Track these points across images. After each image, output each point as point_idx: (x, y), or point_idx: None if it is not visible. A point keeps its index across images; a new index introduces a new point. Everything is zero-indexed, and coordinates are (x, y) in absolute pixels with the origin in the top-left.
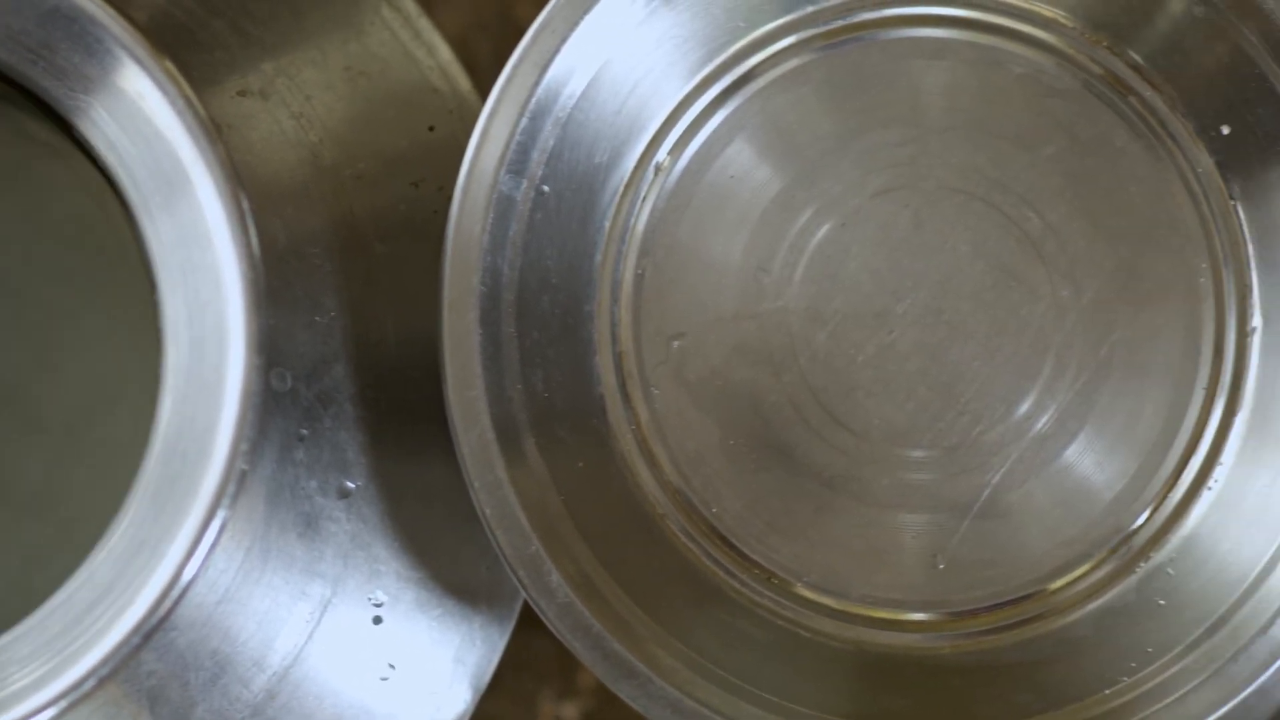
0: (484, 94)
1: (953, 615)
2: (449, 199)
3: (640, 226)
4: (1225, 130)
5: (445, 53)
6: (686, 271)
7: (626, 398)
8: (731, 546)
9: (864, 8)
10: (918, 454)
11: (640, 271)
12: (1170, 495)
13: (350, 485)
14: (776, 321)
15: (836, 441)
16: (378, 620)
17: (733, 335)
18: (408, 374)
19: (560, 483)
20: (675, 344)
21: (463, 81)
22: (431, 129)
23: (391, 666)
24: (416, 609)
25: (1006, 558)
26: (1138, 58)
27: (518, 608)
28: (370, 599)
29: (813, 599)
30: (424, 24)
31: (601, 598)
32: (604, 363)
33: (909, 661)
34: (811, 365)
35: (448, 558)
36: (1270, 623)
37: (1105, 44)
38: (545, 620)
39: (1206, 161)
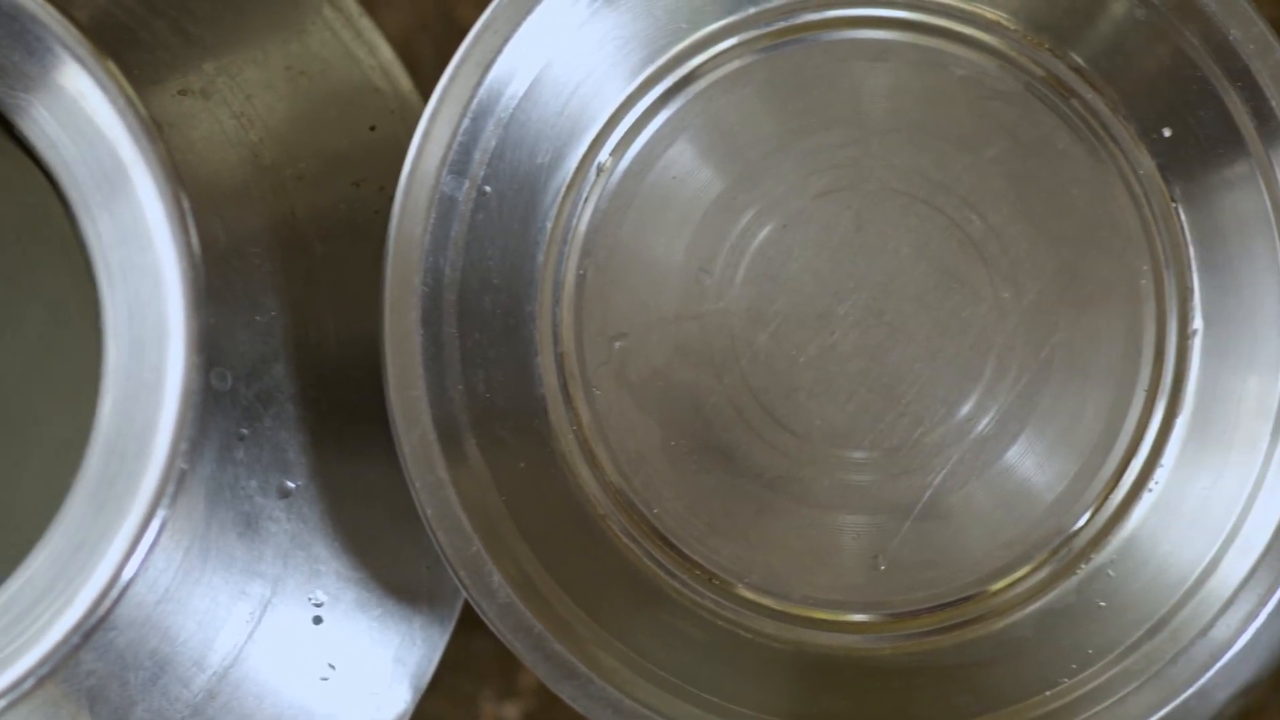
0: (426, 94)
1: (893, 616)
2: (390, 199)
3: (582, 227)
4: (1167, 133)
5: (387, 52)
6: (628, 272)
7: (568, 398)
8: (672, 547)
9: (807, 9)
10: (858, 455)
11: (582, 272)
12: (1111, 497)
13: (290, 485)
14: (718, 322)
15: (777, 443)
16: (318, 620)
17: (674, 336)
18: (349, 374)
19: (501, 483)
20: (617, 345)
21: (404, 81)
22: (373, 129)
23: (331, 666)
24: (357, 609)
25: (947, 559)
26: (1080, 60)
27: (458, 608)
28: (310, 599)
29: (753, 600)
30: (365, 24)
31: (542, 598)
32: (545, 363)
33: (849, 662)
34: (753, 366)
35: (388, 558)
36: (1210, 625)
37: (1047, 46)
38: (486, 621)
39: (1148, 164)
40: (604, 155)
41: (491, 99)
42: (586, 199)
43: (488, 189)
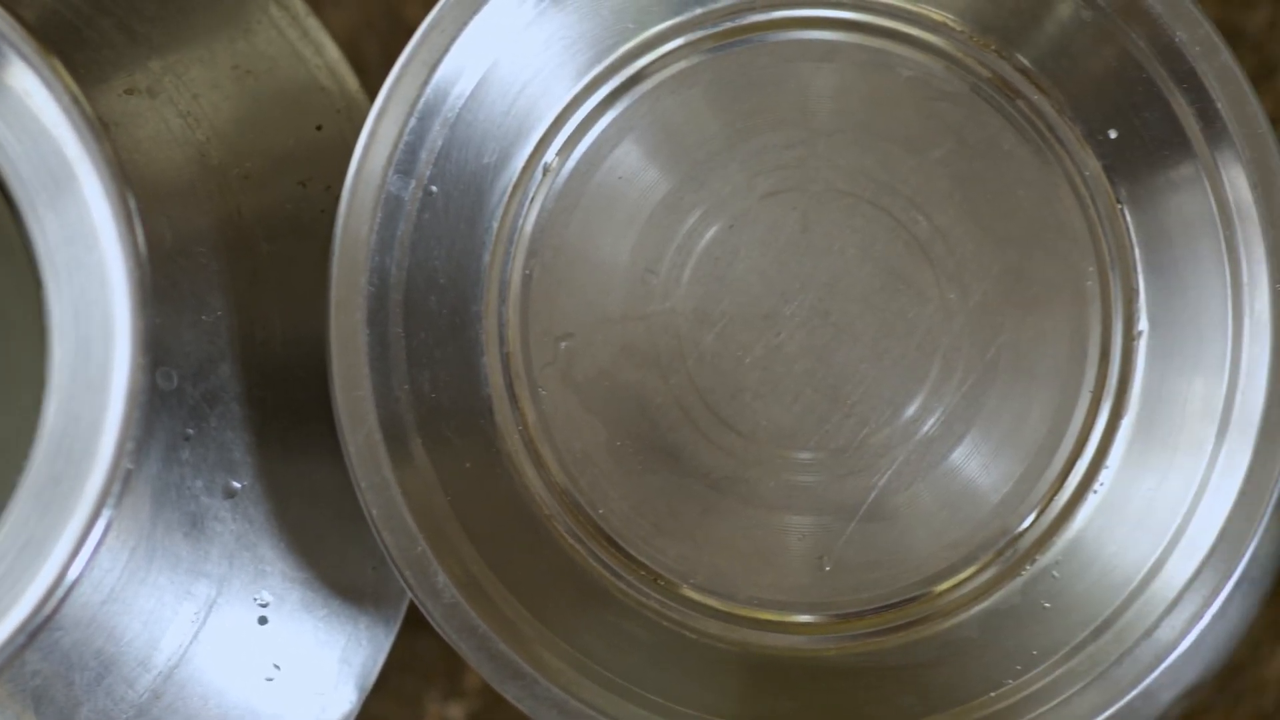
0: (372, 94)
1: (838, 617)
2: (336, 198)
3: (528, 227)
4: (1113, 134)
5: (333, 52)
6: (574, 272)
7: (514, 398)
8: (618, 548)
9: (753, 10)
10: (804, 456)
11: (528, 272)
12: (1056, 498)
13: (236, 485)
14: (664, 323)
15: (723, 443)
16: (263, 620)
17: (620, 336)
18: (295, 373)
19: (447, 483)
20: (563, 345)
21: (351, 81)
22: (319, 128)
23: (277, 667)
24: (302, 609)
25: (892, 560)
26: (1026, 61)
27: (404, 608)
28: (256, 599)
29: (699, 600)
30: (312, 23)
31: (488, 598)
32: (491, 363)
33: (795, 663)
34: (699, 367)
35: (334, 558)
36: (1155, 626)
37: (994, 47)
38: (431, 621)
39: (1094, 165)
40: (550, 155)
41: (438, 99)
42: (533, 199)
43: (434, 189)
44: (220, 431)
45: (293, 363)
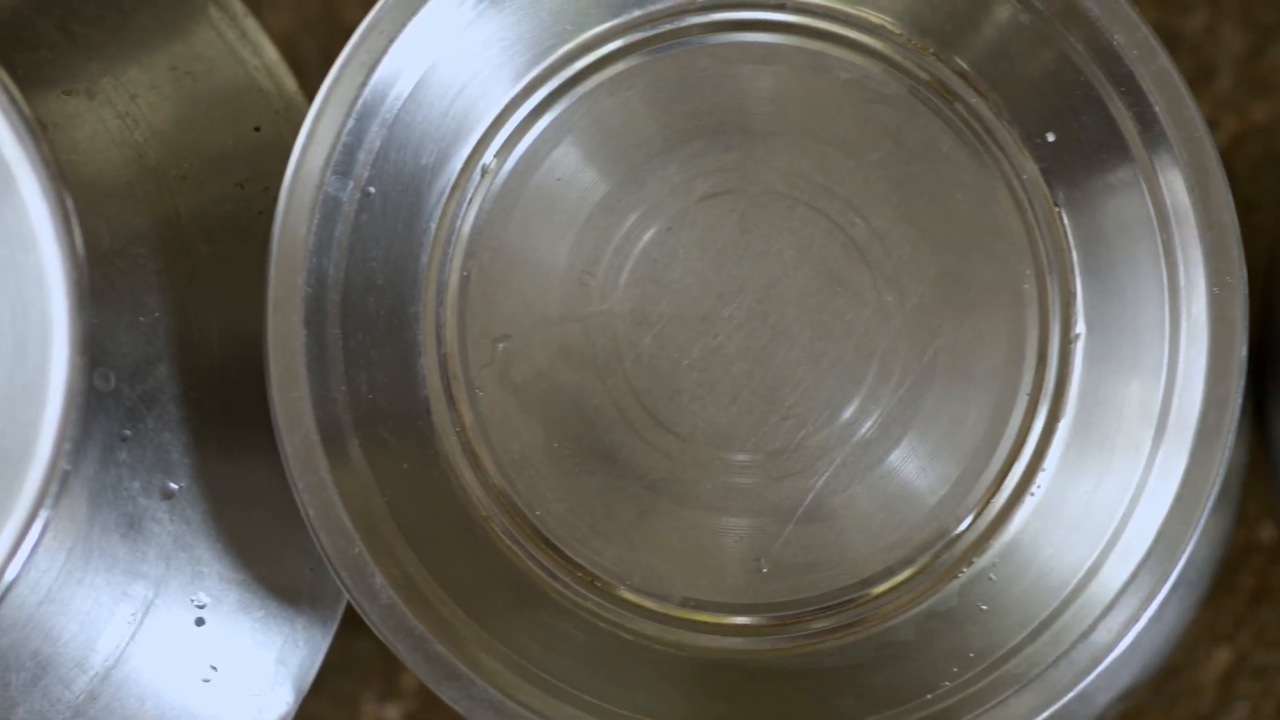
0: (311, 95)
1: (775, 619)
2: (275, 200)
3: (466, 228)
4: (1051, 137)
5: (272, 53)
6: (512, 274)
7: (451, 400)
8: (555, 549)
9: (692, 12)
10: (741, 458)
11: (466, 273)
12: (993, 501)
13: (173, 486)
14: (602, 325)
15: (660, 445)
16: (200, 622)
17: (558, 338)
18: (232, 375)
19: (384, 485)
20: (500, 346)
21: (289, 82)
22: (257, 129)
23: (214, 668)
24: (239, 610)
25: (829, 562)
26: (964, 64)
27: (341, 609)
28: (193, 600)
29: (636, 602)
30: (250, 24)
31: (425, 600)
32: (429, 364)
33: (732, 665)
34: (636, 368)
35: (271, 559)
36: (1092, 628)
37: (932, 50)
38: (368, 622)
39: (1031, 168)
40: (488, 157)
41: (376, 99)
42: (471, 200)
43: (372, 190)
44: (158, 432)
45: (230, 364)
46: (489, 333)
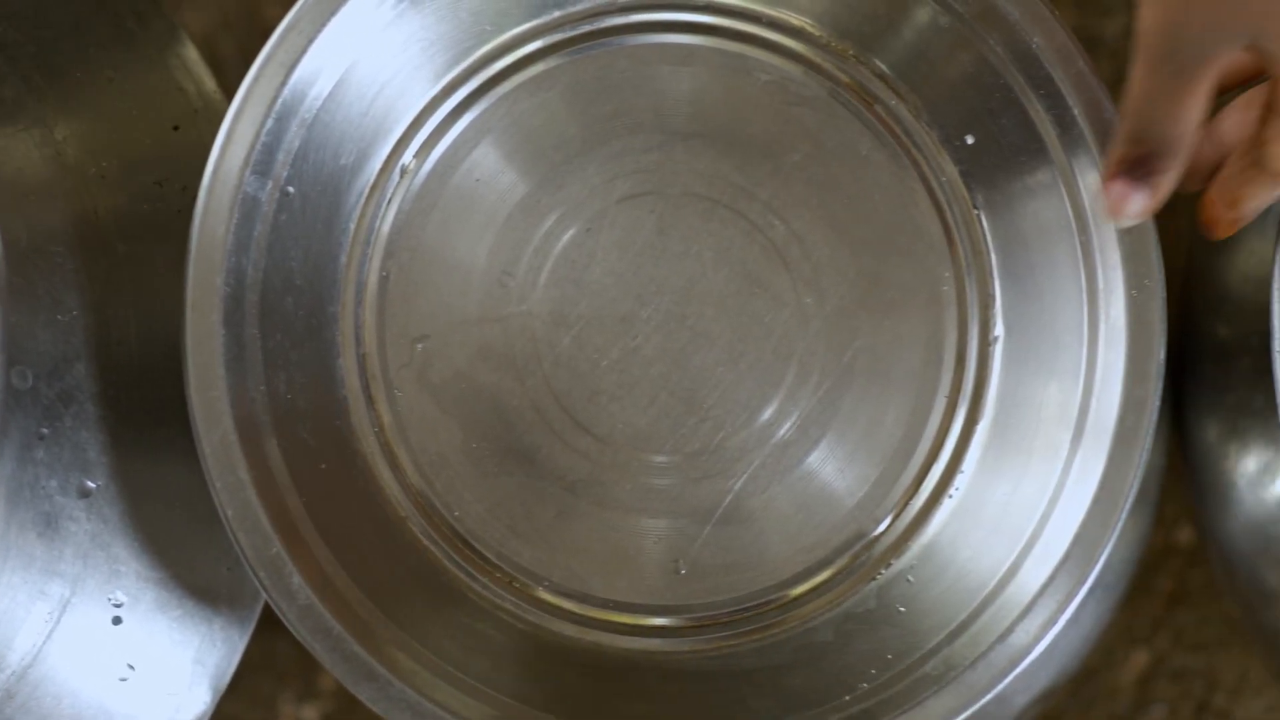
0: (230, 94)
1: (693, 620)
2: (193, 199)
3: (385, 228)
4: (970, 140)
5: (191, 52)
6: (431, 274)
7: (370, 400)
8: (473, 550)
9: (611, 13)
10: (660, 459)
11: (385, 274)
12: (911, 503)
13: (91, 485)
14: (521, 325)
15: (579, 446)
16: (117, 621)
17: (477, 338)
18: (150, 374)
19: (302, 485)
20: (419, 346)
21: (208, 81)
22: (176, 128)
23: (131, 667)
24: (156, 609)
25: (748, 563)
26: (883, 67)
27: (258, 609)
28: (110, 599)
29: (554, 603)
30: (170, 23)
31: (343, 600)
32: (348, 365)
33: (650, 666)
34: (555, 369)
35: (188, 558)
36: (1009, 630)
37: (851, 53)
38: (286, 622)
39: (951, 170)
40: (408, 157)
41: (295, 100)
42: (390, 200)
43: (291, 189)
44: (75, 431)
45: (148, 363)
46: (408, 333)
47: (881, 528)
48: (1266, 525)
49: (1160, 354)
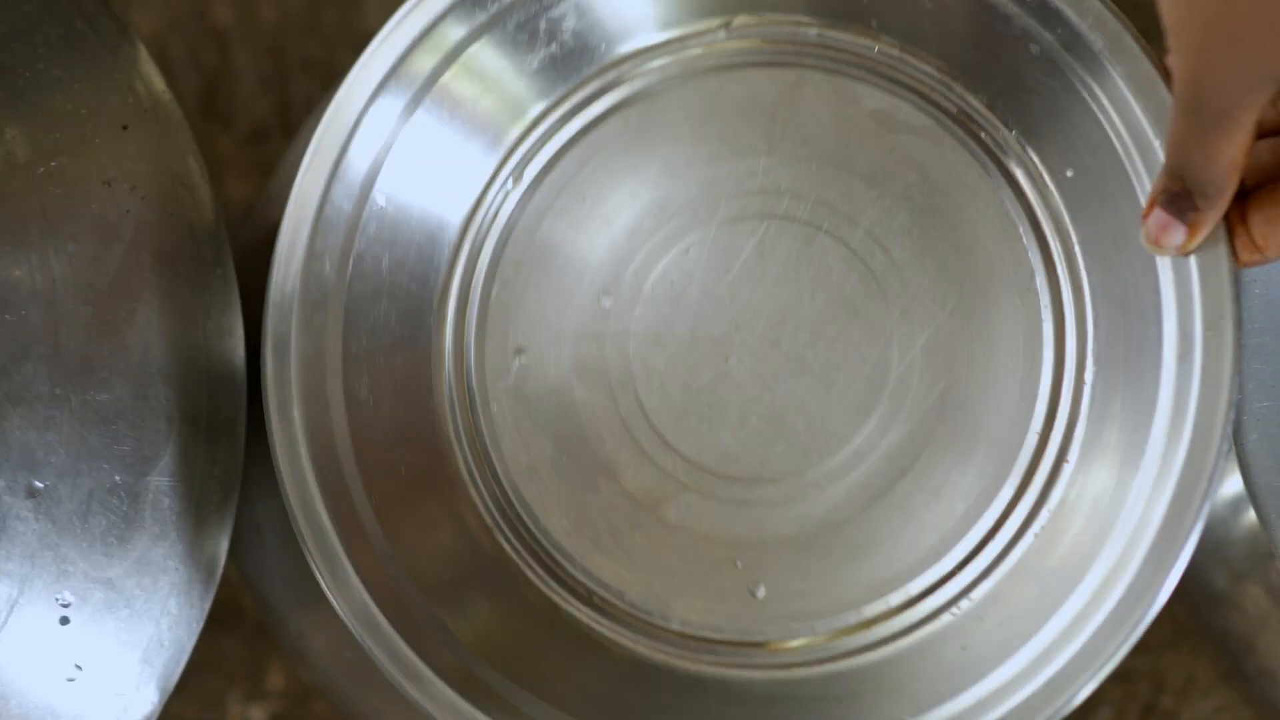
0: (178, 94)
1: (766, 644)
2: (142, 198)
3: (490, 243)
4: (1069, 174)
5: (140, 53)
6: (533, 289)
7: (464, 410)
8: (555, 562)
9: (730, 38)
10: (746, 482)
11: (490, 288)
12: (993, 540)
13: (39, 485)
14: (617, 343)
15: (666, 465)
16: (65, 621)
17: (573, 354)
18: (98, 374)
19: (373, 486)
20: (516, 361)
21: (157, 82)
22: (125, 128)
23: (78, 667)
24: (104, 610)
25: (824, 591)
26: (990, 97)
27: (206, 609)
28: (58, 599)
29: (630, 619)
30: (120, 24)
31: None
32: (442, 375)
33: (716, 686)
34: (647, 388)
35: (136, 558)
36: (1069, 683)
37: (960, 83)
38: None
39: (1055, 203)
40: (514, 173)
41: (389, 107)
42: (495, 216)
43: (381, 201)
44: (23, 431)
45: (96, 363)
46: (506, 346)
47: (960, 563)
48: (1212, 527)
49: (1226, 401)
